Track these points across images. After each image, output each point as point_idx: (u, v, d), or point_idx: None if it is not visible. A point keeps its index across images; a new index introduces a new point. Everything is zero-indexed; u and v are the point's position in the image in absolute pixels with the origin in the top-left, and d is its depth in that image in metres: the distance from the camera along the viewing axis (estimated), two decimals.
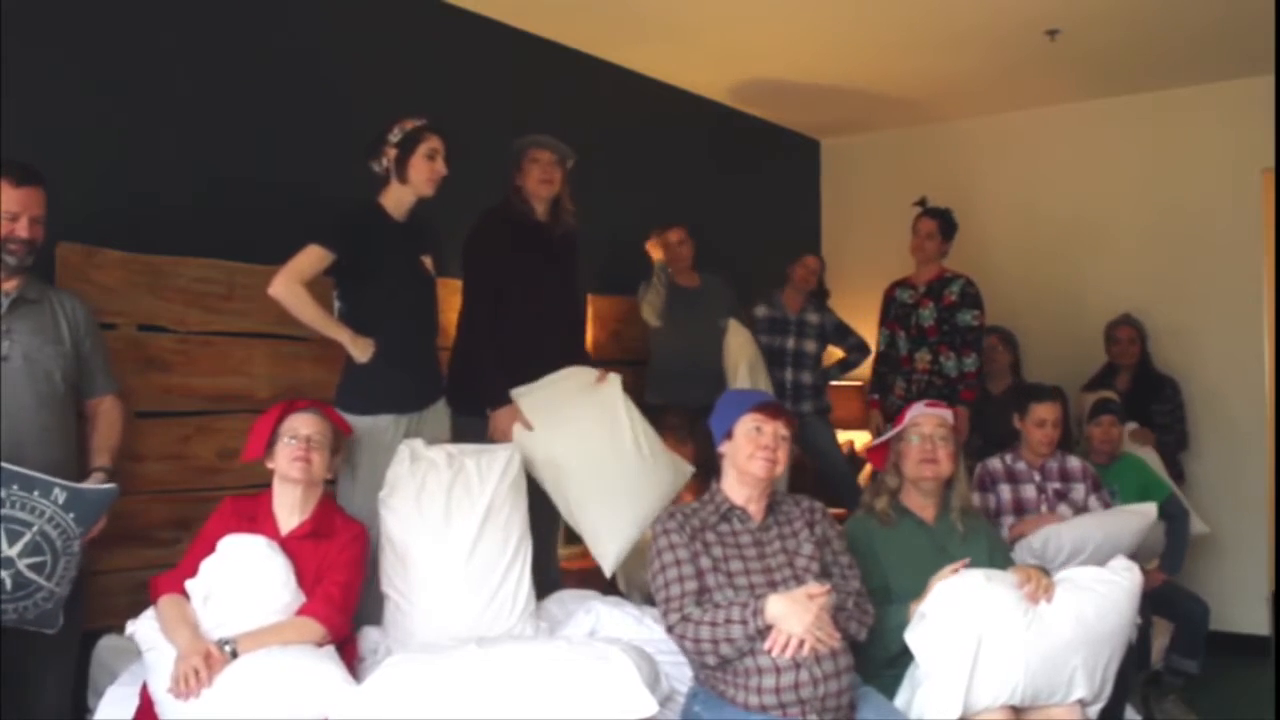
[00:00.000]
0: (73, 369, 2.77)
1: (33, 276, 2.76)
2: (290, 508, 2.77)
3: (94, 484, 2.68)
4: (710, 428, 2.76)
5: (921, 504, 2.99)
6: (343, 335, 3.15)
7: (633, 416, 3.49)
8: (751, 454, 2.62)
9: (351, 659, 2.69)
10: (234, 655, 2.44)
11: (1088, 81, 5.41)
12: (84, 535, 2.62)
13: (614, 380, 3.55)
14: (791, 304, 5.13)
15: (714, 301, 4.71)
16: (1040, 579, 2.66)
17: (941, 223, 4.83)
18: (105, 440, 2.84)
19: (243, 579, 2.59)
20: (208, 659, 2.40)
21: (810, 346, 5.07)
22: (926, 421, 3.00)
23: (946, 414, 3.04)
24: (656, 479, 3.43)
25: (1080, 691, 2.64)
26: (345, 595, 2.69)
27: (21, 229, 2.67)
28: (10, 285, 2.69)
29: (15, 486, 2.50)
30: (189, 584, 2.59)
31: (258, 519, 2.74)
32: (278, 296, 3.08)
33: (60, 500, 2.56)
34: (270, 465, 2.79)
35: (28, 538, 2.51)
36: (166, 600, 2.58)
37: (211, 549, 2.64)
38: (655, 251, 4.65)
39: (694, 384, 2.92)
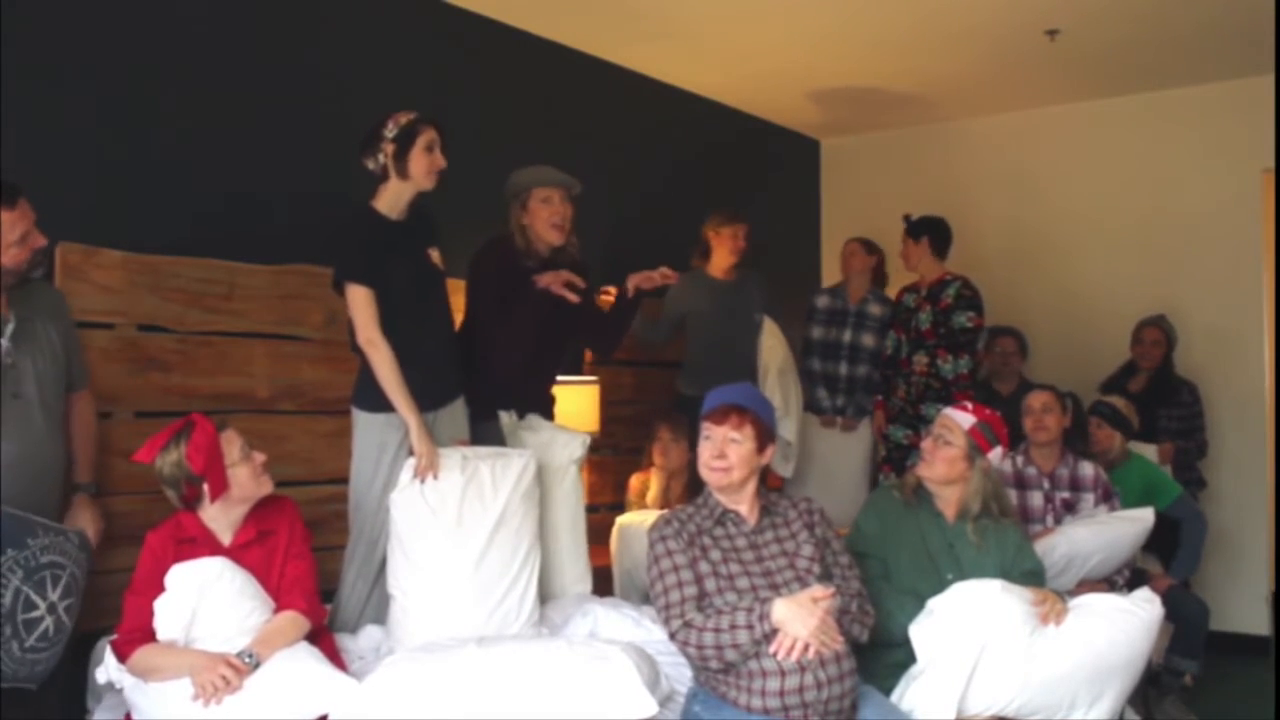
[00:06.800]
0: (64, 374, 2.74)
1: (15, 295, 2.61)
2: (231, 523, 2.64)
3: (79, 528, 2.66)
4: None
5: (944, 500, 2.98)
6: (411, 420, 3.02)
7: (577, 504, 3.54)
8: (703, 464, 2.63)
9: (330, 651, 2.67)
10: (256, 665, 2.42)
11: (1087, 81, 5.41)
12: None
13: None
14: (854, 294, 5.09)
15: (749, 296, 4.69)
16: (1056, 603, 2.68)
17: (906, 230, 4.87)
18: (86, 452, 2.78)
19: (214, 603, 2.48)
20: (233, 667, 2.38)
21: (868, 340, 5.01)
22: (939, 422, 3.01)
23: (956, 415, 3.00)
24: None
25: (1080, 715, 2.63)
26: (313, 578, 2.67)
27: None
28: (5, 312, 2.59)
29: (41, 533, 2.49)
30: (160, 630, 2.47)
31: (197, 541, 2.59)
32: (375, 349, 3.01)
33: (77, 541, 2.59)
34: (225, 495, 2.60)
35: (65, 580, 2.50)
36: (147, 649, 2.45)
37: (160, 588, 2.49)
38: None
39: (726, 377, 2.92)
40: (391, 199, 3.13)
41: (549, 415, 3.71)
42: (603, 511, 4.46)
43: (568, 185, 3.57)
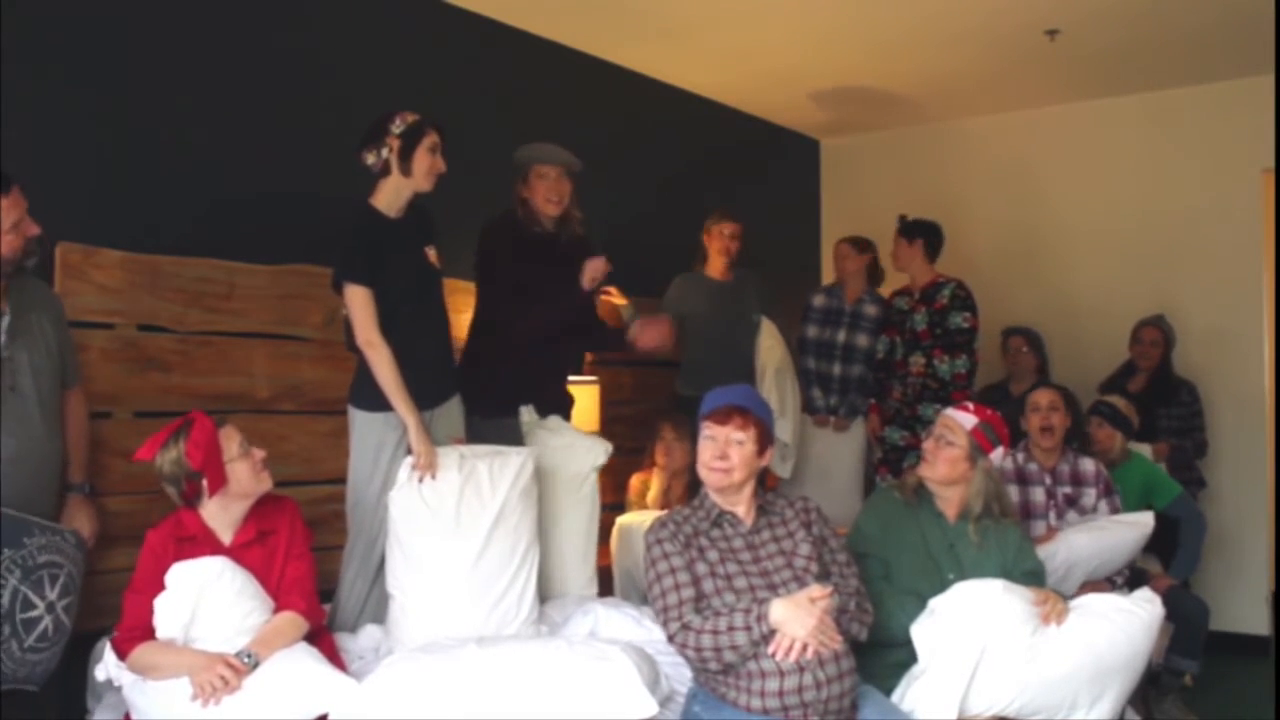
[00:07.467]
0: (59, 370, 2.75)
1: (11, 287, 2.61)
2: (231, 521, 2.63)
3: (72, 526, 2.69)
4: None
5: (945, 500, 2.97)
6: (411, 420, 3.00)
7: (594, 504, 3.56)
8: (703, 464, 2.62)
9: (329, 651, 2.67)
10: (255, 665, 2.42)
11: (1087, 81, 5.40)
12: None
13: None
14: (849, 294, 5.08)
15: (746, 296, 4.71)
16: (1057, 603, 2.68)
17: (899, 230, 4.88)
18: (80, 451, 2.81)
19: (213, 603, 2.47)
20: (232, 668, 2.38)
21: (863, 340, 4.99)
22: (940, 422, 3.01)
23: (958, 416, 2.99)
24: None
25: (1081, 715, 2.63)
26: (313, 579, 2.68)
27: None
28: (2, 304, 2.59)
29: (37, 532, 2.50)
30: (160, 629, 2.46)
31: (198, 540, 2.58)
32: (374, 349, 2.99)
33: (73, 541, 2.60)
34: (224, 489, 2.59)
35: (63, 579, 2.52)
36: (147, 647, 2.45)
37: (160, 586, 2.48)
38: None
39: (725, 378, 2.91)
40: (391, 196, 3.12)
41: (567, 416, 3.72)
42: (603, 511, 4.45)
43: (565, 164, 3.63)
